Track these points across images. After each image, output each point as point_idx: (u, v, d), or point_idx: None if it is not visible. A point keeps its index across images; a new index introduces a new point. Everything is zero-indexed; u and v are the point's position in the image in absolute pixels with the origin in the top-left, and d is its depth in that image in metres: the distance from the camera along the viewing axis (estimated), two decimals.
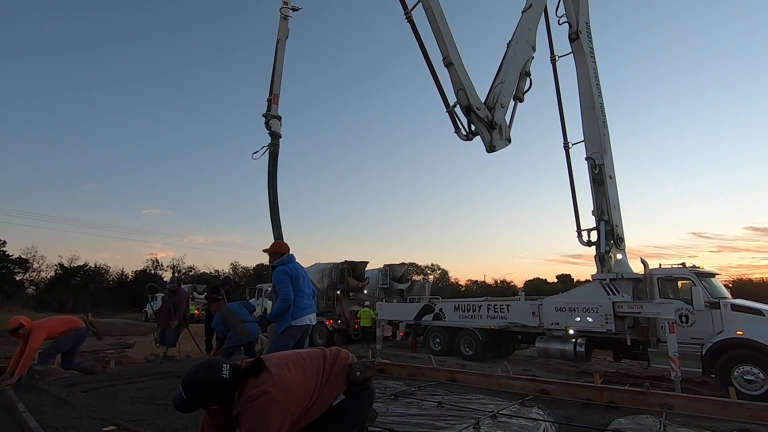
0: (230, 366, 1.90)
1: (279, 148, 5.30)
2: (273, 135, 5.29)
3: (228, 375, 1.84)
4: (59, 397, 4.43)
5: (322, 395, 2.01)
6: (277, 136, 5.30)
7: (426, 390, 4.96)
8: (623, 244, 10.41)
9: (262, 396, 1.79)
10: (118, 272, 49.47)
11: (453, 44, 8.24)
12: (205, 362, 1.94)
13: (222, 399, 1.84)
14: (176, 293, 7.81)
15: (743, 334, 7.69)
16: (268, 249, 4.77)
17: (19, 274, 41.35)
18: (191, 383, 1.81)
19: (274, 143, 5.26)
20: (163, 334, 7.57)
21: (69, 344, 5.83)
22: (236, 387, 1.85)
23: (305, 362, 2.06)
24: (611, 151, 10.97)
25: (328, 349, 2.26)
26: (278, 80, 5.58)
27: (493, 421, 3.60)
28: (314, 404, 1.98)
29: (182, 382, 1.83)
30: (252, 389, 1.82)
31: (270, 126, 5.35)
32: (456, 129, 8.47)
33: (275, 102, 5.47)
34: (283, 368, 1.95)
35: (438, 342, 12.71)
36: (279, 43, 5.67)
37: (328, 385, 2.05)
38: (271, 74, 5.62)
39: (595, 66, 11.27)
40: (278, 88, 5.54)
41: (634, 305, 8.96)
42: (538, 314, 10.52)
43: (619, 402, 4.31)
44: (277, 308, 4.40)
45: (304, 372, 2.00)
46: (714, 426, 3.46)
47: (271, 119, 5.37)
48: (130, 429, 3.30)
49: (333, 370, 2.11)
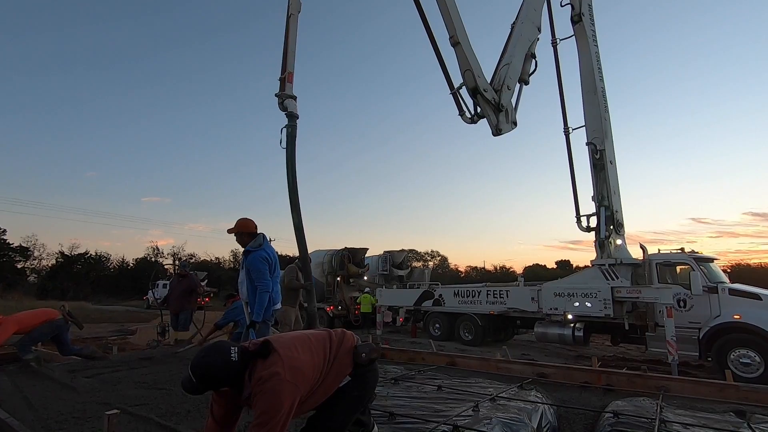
0: (238, 348, 1.93)
1: (296, 129, 5.12)
2: (290, 116, 5.10)
3: (237, 357, 1.87)
4: (63, 382, 4.47)
5: (328, 376, 2.06)
6: (294, 117, 5.11)
7: (426, 374, 5.01)
8: (623, 230, 10.42)
9: (272, 378, 1.83)
10: (118, 260, 49.78)
11: (460, 23, 8.04)
12: (214, 345, 1.97)
13: (231, 381, 1.88)
14: (186, 278, 7.77)
15: (740, 318, 7.76)
16: (233, 229, 4.41)
17: (20, 262, 41.52)
18: (200, 366, 1.84)
19: (292, 124, 5.04)
20: (176, 319, 7.53)
21: (46, 336, 5.76)
22: (245, 369, 1.89)
23: (312, 343, 2.10)
24: (612, 137, 10.90)
25: (333, 331, 2.29)
26: (291, 57, 5.35)
27: (492, 404, 3.63)
28: (321, 384, 2.03)
29: (191, 366, 1.86)
30: (262, 371, 1.86)
31: (286, 106, 5.13)
32: (460, 111, 8.35)
33: (289, 81, 5.24)
34: (291, 349, 1.98)
35: (438, 327, 12.82)
36: (291, 17, 5.42)
37: (334, 367, 2.09)
38: (283, 51, 5.37)
39: (597, 49, 11.12)
40: (292, 66, 5.34)
41: (633, 290, 9.02)
42: (537, 299, 10.60)
43: (616, 385, 4.36)
44: (259, 304, 4.13)
45: (311, 353, 2.04)
46: (710, 408, 3.51)
47: (286, 99, 5.16)
48: (133, 413, 3.34)
49: (339, 351, 2.14)
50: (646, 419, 3.10)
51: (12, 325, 5.42)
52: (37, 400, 3.79)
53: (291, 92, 5.21)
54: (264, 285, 4.16)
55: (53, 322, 5.81)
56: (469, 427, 3.00)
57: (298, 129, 5.13)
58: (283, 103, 5.14)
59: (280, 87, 5.26)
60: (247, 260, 4.33)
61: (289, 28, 5.39)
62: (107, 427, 2.00)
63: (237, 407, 1.94)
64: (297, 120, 5.13)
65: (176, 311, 7.52)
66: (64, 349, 6.00)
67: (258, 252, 4.30)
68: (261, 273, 4.19)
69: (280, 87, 5.25)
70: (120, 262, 49.66)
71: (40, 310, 6.08)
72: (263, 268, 4.21)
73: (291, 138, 5.00)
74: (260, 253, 4.29)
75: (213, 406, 2.02)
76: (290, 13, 5.44)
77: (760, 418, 3.19)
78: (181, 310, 7.50)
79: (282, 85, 5.25)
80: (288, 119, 5.08)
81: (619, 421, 3.14)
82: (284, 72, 5.28)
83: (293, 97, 5.20)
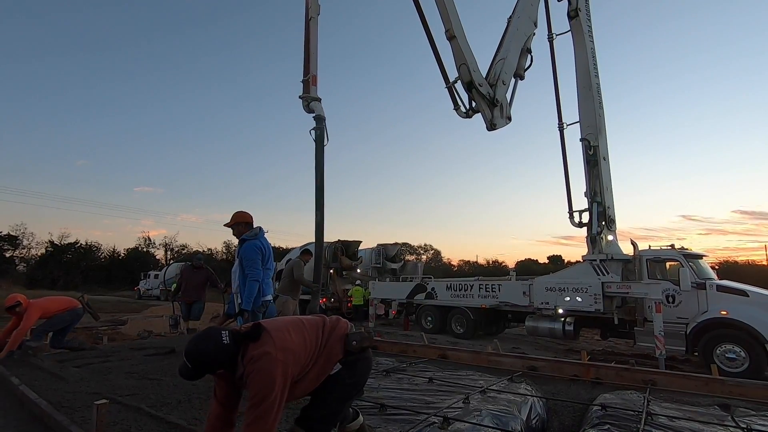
0: (229, 332, 1.96)
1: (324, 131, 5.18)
2: (318, 118, 5.17)
3: (228, 340, 1.91)
4: (52, 372, 4.44)
5: (319, 361, 2.08)
6: (321, 119, 5.17)
7: (417, 366, 5.05)
8: (614, 226, 10.51)
9: (263, 357, 1.86)
10: (109, 250, 49.26)
11: (457, 17, 8.03)
12: (205, 331, 2.00)
13: (225, 364, 1.92)
14: (202, 270, 8.00)
15: (727, 314, 7.88)
16: (229, 223, 4.46)
17: (8, 251, 41.00)
18: (194, 352, 1.87)
19: (320, 126, 5.13)
20: (189, 309, 7.78)
21: (65, 323, 5.86)
22: (238, 351, 1.93)
23: (305, 327, 2.13)
24: (606, 133, 10.95)
25: (328, 318, 2.31)
26: (314, 60, 5.41)
27: (483, 396, 3.67)
28: (312, 368, 2.05)
29: (185, 352, 1.90)
30: (254, 351, 1.89)
31: (312, 108, 5.22)
32: (455, 106, 8.35)
33: (313, 83, 5.32)
34: (282, 331, 2.01)
35: (430, 320, 12.89)
36: (311, 20, 5.47)
37: (325, 352, 2.10)
38: (304, 54, 5.44)
39: (593, 45, 11.13)
40: (315, 68, 5.38)
41: (623, 285, 9.12)
42: (528, 294, 10.68)
43: (604, 378, 4.43)
44: (248, 293, 4.13)
45: (303, 336, 2.06)
46: (695, 401, 3.57)
47: (312, 101, 5.23)
48: (123, 402, 3.32)
49: (331, 337, 2.16)
50: (633, 412, 3.15)
51: (37, 310, 5.49)
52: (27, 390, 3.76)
53: (316, 94, 5.27)
54: (254, 274, 4.16)
55: (74, 311, 5.93)
56: (460, 418, 3.03)
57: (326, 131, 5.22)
58: (309, 105, 5.22)
59: (303, 89, 5.35)
60: (241, 249, 4.34)
61: (310, 31, 5.44)
62: (96, 416, 1.99)
63: (237, 389, 2.00)
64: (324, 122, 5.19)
65: (191, 301, 7.80)
66: (57, 340, 5.99)
67: (252, 241, 4.31)
68: (253, 262, 4.19)
69: (304, 89, 5.33)
70: (111, 252, 49.23)
71: (63, 298, 6.19)
72: (256, 257, 4.21)
73: (320, 140, 5.10)
74: (255, 242, 4.30)
75: (216, 390, 2.07)
76: (310, 16, 5.47)
77: (743, 411, 3.25)
78: (196, 300, 7.83)
79: (306, 88, 5.33)
80: (316, 122, 5.17)
81: (606, 413, 3.19)
82: (307, 74, 5.34)
83: (318, 99, 5.28)
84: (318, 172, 5.06)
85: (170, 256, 50.44)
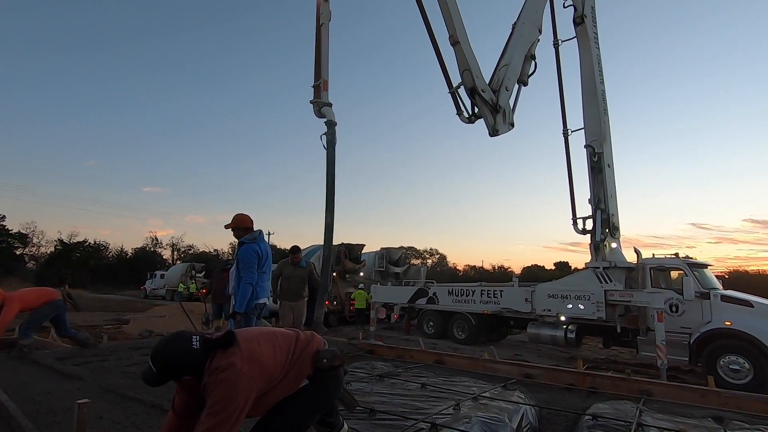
0: (200, 337, 1.91)
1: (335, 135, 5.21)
2: (329, 123, 5.21)
3: (198, 346, 1.85)
4: (49, 369, 4.50)
5: (289, 375, 2.02)
6: (333, 124, 5.22)
7: (412, 371, 5.03)
8: (618, 233, 10.42)
9: (228, 368, 1.80)
10: (117, 249, 49.81)
11: (461, 22, 8.02)
12: (176, 334, 1.94)
13: (192, 370, 1.85)
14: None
15: (731, 325, 7.77)
16: (230, 224, 4.51)
17: (18, 248, 41.61)
18: (160, 355, 1.81)
19: (331, 131, 5.18)
20: (220, 309, 7.97)
21: (48, 316, 5.84)
22: (207, 358, 1.86)
23: (277, 340, 2.07)
24: (611, 140, 10.87)
25: (302, 333, 2.27)
26: (326, 65, 5.43)
27: (474, 403, 3.65)
28: (281, 383, 1.99)
29: (151, 354, 1.83)
30: (220, 361, 1.83)
31: (324, 113, 5.26)
32: (458, 111, 8.34)
33: (324, 88, 5.34)
34: (252, 342, 1.96)
35: (431, 325, 12.84)
36: (322, 26, 5.50)
37: (295, 367, 2.05)
38: (315, 59, 5.46)
39: (598, 52, 11.07)
40: (326, 73, 5.40)
41: (625, 294, 9.03)
42: (530, 300, 10.60)
43: (600, 387, 4.39)
44: (242, 296, 4.18)
45: (274, 349, 2.01)
46: (689, 413, 3.52)
47: (323, 107, 5.27)
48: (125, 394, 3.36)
49: (303, 352, 2.10)
50: (624, 422, 3.12)
51: (17, 303, 5.48)
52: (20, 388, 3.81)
53: (327, 100, 5.29)
54: (249, 277, 4.20)
55: (54, 303, 5.89)
56: (448, 425, 3.02)
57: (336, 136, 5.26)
58: (321, 110, 5.26)
59: (314, 94, 5.36)
60: (239, 251, 4.40)
61: (321, 36, 5.47)
62: (77, 415, 2.01)
63: (199, 399, 1.90)
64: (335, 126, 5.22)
65: (221, 302, 7.95)
66: (62, 330, 6.04)
67: (250, 245, 4.36)
68: (249, 265, 4.23)
69: (315, 94, 5.34)
70: (119, 251, 49.77)
71: (42, 289, 6.14)
72: (252, 260, 4.25)
73: (331, 145, 5.15)
74: (252, 246, 4.35)
75: (175, 399, 2.00)
76: (321, 22, 5.49)
77: (737, 424, 3.20)
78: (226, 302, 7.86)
79: (317, 93, 5.34)
80: (327, 127, 5.21)
81: (597, 423, 3.16)
82: (318, 80, 5.36)
83: (329, 104, 5.30)
84: (329, 176, 5.10)
85: (177, 256, 50.87)
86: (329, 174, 5.15)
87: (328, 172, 5.16)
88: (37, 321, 5.80)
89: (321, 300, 5.17)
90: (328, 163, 5.17)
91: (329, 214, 5.15)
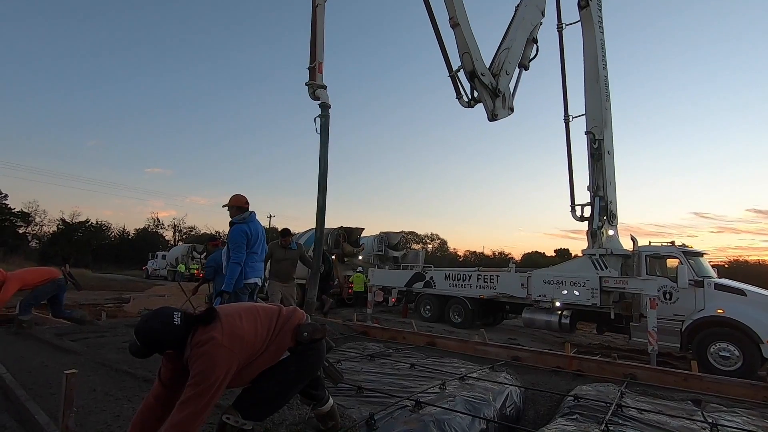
0: (181, 313, 1.98)
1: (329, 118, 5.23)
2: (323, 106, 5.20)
3: (180, 322, 1.93)
4: (47, 344, 4.60)
5: (270, 349, 2.09)
6: (326, 107, 5.21)
7: (403, 352, 5.12)
8: (616, 221, 10.42)
9: (208, 342, 1.88)
10: (119, 230, 50.12)
11: (461, 4, 7.91)
12: (157, 310, 2.02)
13: (174, 344, 1.94)
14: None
15: (723, 313, 7.83)
16: (227, 204, 4.59)
17: (21, 227, 41.90)
18: (143, 331, 1.90)
19: (325, 114, 5.14)
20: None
21: (48, 294, 5.92)
22: (189, 333, 1.94)
23: (259, 314, 2.14)
24: (612, 127, 10.79)
25: (285, 308, 2.33)
26: (321, 47, 5.40)
27: (460, 383, 3.73)
28: (261, 356, 2.07)
29: (135, 329, 1.92)
30: (201, 335, 1.91)
31: (318, 96, 5.24)
32: (458, 95, 8.25)
33: (319, 71, 5.30)
34: (233, 317, 2.03)
35: (428, 309, 12.97)
36: (318, 7, 5.45)
37: (276, 340, 2.12)
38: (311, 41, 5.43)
39: (602, 37, 10.88)
40: (322, 55, 5.37)
41: (620, 281, 9.09)
42: (526, 286, 10.69)
43: (586, 371, 4.47)
44: (230, 275, 4.24)
45: (256, 323, 2.08)
46: (670, 396, 3.60)
47: (317, 89, 5.25)
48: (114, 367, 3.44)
49: (285, 327, 2.17)
50: (605, 403, 3.19)
51: (16, 282, 5.55)
52: (17, 361, 3.91)
53: (322, 82, 5.27)
54: (237, 257, 4.27)
55: (55, 281, 5.96)
56: (432, 403, 3.09)
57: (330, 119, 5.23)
58: (315, 92, 5.24)
59: (309, 76, 5.32)
60: (229, 232, 4.47)
61: (317, 17, 5.40)
62: (65, 384, 2.08)
63: (183, 372, 1.98)
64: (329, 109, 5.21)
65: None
66: (56, 310, 6.13)
67: (240, 225, 4.44)
68: (237, 245, 4.30)
69: (310, 76, 5.31)
70: (121, 232, 50.09)
71: (43, 269, 6.22)
72: (241, 240, 4.32)
73: (324, 127, 5.13)
74: (242, 226, 4.43)
75: (161, 370, 2.08)
76: (317, 3, 5.44)
77: (714, 407, 3.28)
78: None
79: (312, 75, 5.30)
80: (321, 109, 5.20)
81: (578, 404, 3.23)
82: (313, 62, 5.32)
83: (324, 86, 5.28)
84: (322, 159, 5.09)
85: (178, 237, 51.16)
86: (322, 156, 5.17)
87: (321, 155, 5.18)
88: (38, 298, 5.89)
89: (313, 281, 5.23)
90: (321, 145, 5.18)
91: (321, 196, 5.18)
